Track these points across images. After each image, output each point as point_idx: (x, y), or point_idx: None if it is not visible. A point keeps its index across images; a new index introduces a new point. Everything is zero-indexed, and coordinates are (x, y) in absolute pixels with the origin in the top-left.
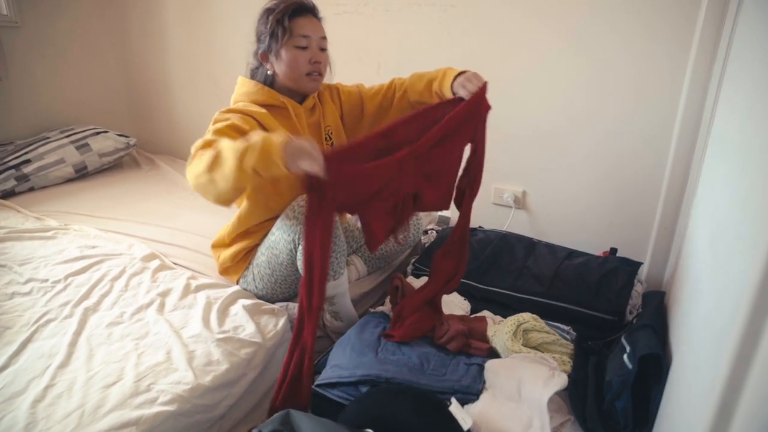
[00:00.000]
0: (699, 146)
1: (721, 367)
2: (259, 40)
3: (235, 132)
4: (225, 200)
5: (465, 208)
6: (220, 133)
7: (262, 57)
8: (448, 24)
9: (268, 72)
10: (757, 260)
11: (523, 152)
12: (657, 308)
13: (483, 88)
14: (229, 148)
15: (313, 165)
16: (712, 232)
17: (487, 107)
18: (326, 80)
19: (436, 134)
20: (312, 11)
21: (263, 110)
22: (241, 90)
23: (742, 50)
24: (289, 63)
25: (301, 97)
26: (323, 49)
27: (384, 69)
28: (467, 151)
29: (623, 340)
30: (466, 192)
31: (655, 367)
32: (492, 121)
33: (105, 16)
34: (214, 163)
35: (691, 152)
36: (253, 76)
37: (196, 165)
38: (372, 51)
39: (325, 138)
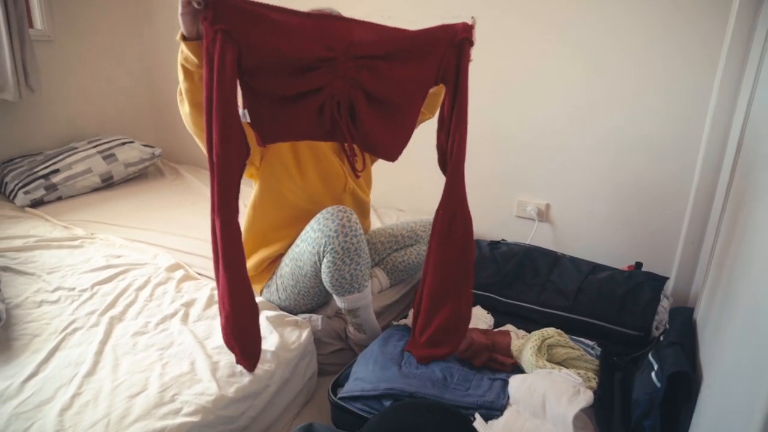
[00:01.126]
0: (727, 159)
1: (761, 390)
2: None
3: None
4: (195, 120)
5: (451, 177)
6: None
7: None
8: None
9: None
10: None
11: (547, 165)
12: (685, 325)
13: (466, 25)
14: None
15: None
16: (746, 254)
17: (468, 51)
18: None
19: (391, 39)
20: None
21: None
22: None
23: None
24: None
25: None
26: None
27: None
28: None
29: (650, 357)
30: (451, 155)
31: (683, 385)
32: (515, 133)
33: (133, 30)
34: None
35: (719, 165)
36: None
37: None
38: None
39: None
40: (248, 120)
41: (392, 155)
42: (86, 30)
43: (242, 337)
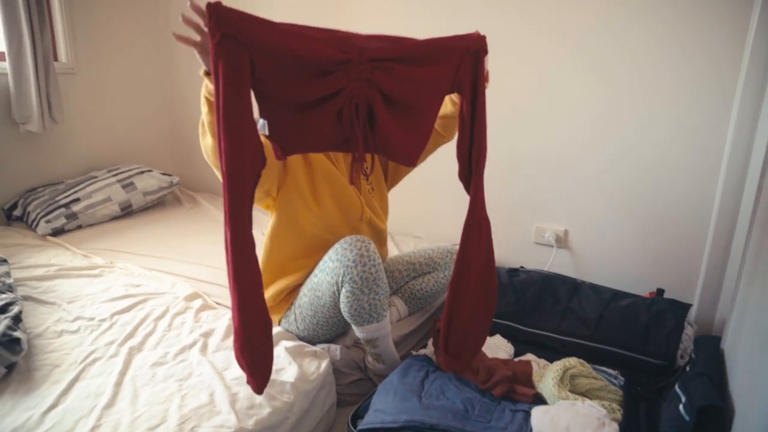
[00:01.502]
0: (750, 179)
1: None
2: None
3: None
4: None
5: (474, 189)
6: None
7: None
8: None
9: None
10: None
11: (563, 190)
12: (712, 355)
13: (480, 34)
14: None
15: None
16: None
17: (483, 59)
18: None
19: (404, 46)
20: None
21: None
22: None
23: None
24: None
25: None
26: None
27: None
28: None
29: (677, 389)
30: (473, 167)
31: (713, 419)
32: (531, 159)
33: (154, 60)
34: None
35: (740, 189)
36: None
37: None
38: None
39: (364, 178)
40: (266, 132)
41: (411, 160)
42: (108, 62)
43: (252, 353)
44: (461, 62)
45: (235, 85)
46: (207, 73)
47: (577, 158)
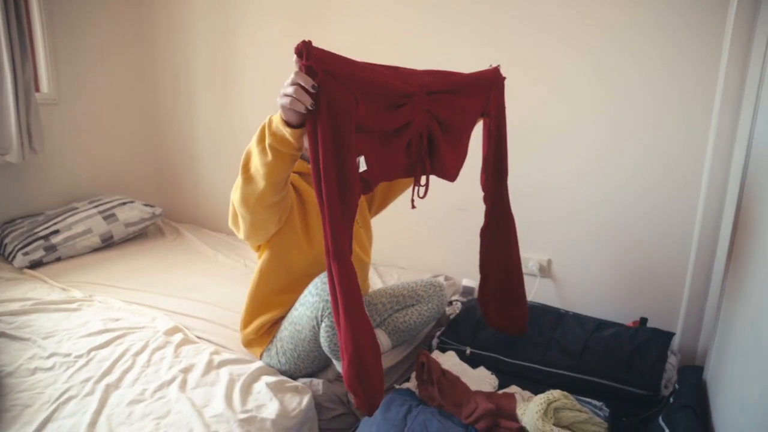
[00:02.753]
0: (727, 212)
1: None
2: None
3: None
4: (265, 198)
5: (498, 193)
6: None
7: None
8: None
9: None
10: None
11: (548, 221)
12: (695, 386)
13: (498, 69)
14: (251, 145)
15: (292, 102)
16: (755, 315)
17: (502, 87)
18: None
19: (450, 79)
20: None
21: (295, 174)
22: None
23: None
24: None
25: None
26: None
27: None
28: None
29: (661, 422)
30: (499, 173)
31: None
32: (516, 187)
33: (138, 91)
34: (245, 164)
35: (719, 218)
36: None
37: (236, 185)
38: None
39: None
40: (365, 167)
41: (456, 176)
42: (91, 93)
43: (367, 377)
44: (491, 92)
45: (345, 121)
46: (286, 124)
47: (560, 189)
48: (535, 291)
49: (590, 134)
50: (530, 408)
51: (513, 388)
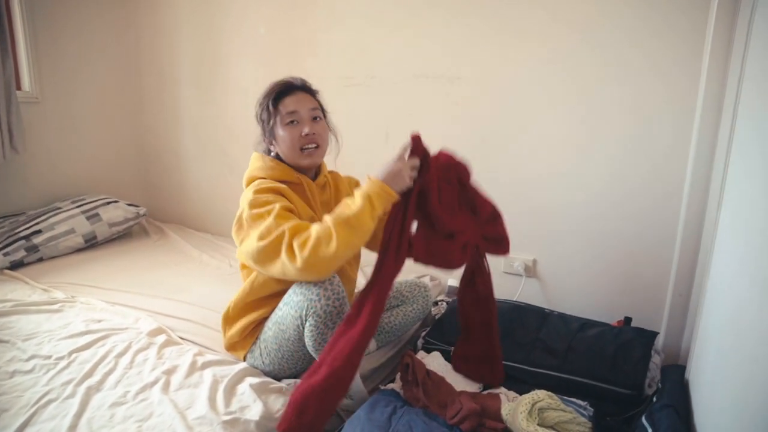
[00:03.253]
0: (710, 210)
1: None
2: (260, 126)
3: (290, 213)
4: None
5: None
6: (283, 217)
7: (266, 141)
8: (455, 94)
9: (272, 154)
10: None
11: (533, 220)
12: (677, 385)
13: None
14: (356, 212)
15: (407, 178)
16: (732, 311)
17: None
18: (334, 149)
19: (445, 207)
20: (300, 88)
21: (283, 185)
22: (256, 165)
23: (752, 104)
24: (283, 141)
25: (313, 174)
26: (316, 119)
27: (392, 138)
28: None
29: (644, 421)
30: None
31: None
32: (501, 188)
33: (123, 89)
34: (346, 233)
35: (701, 216)
36: (268, 154)
37: (313, 250)
38: (381, 121)
39: None
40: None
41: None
42: (75, 91)
43: (328, 403)
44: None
45: (420, 202)
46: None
47: (545, 190)
48: (521, 291)
49: (575, 135)
50: (515, 408)
51: (498, 389)
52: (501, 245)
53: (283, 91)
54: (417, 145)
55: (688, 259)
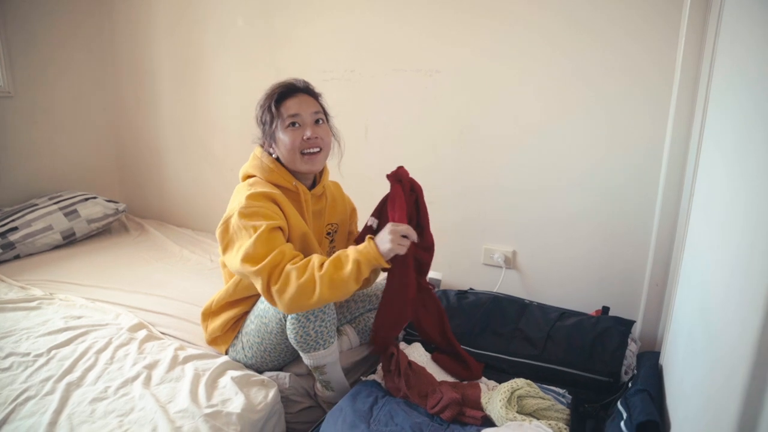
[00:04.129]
0: (684, 202)
1: None
2: (260, 128)
3: (280, 233)
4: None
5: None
6: (266, 240)
7: (266, 144)
8: (434, 88)
9: (272, 156)
10: (751, 332)
11: (512, 212)
12: (652, 371)
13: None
14: (343, 277)
15: (404, 247)
16: (702, 298)
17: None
18: (337, 155)
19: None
20: (303, 90)
21: (278, 191)
22: (255, 162)
23: (722, 102)
24: (284, 144)
25: (311, 182)
26: (319, 122)
27: (372, 132)
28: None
29: (619, 406)
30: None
31: None
32: (481, 180)
33: (100, 83)
34: (329, 291)
35: (676, 208)
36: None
37: (295, 299)
38: (359, 115)
39: (327, 233)
40: None
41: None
42: (50, 85)
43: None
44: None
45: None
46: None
47: (524, 180)
48: (501, 282)
49: (553, 128)
50: (494, 396)
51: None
52: (422, 271)
53: (285, 92)
54: (403, 175)
55: (664, 250)
